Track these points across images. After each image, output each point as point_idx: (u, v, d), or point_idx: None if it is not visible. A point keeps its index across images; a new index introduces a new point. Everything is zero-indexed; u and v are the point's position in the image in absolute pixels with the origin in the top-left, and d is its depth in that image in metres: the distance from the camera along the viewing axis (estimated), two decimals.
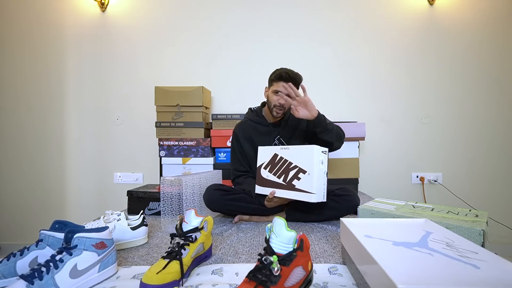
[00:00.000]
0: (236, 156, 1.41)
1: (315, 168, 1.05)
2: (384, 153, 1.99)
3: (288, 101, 1.22)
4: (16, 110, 2.06)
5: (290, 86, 1.19)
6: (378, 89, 1.99)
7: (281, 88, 1.24)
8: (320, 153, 1.08)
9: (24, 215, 2.08)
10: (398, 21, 1.97)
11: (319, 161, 1.07)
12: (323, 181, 1.08)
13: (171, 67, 2.04)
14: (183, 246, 0.71)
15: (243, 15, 2.01)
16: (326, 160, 1.10)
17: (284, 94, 1.24)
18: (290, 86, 1.19)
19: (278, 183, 1.14)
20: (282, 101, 1.26)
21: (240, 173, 1.39)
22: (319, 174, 1.06)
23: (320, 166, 1.07)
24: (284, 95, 1.25)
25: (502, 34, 1.92)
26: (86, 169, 2.07)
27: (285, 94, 1.24)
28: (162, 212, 1.17)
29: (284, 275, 0.56)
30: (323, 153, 1.09)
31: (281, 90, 1.25)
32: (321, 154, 1.08)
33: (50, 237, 0.72)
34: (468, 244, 0.59)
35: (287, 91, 1.20)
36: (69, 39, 2.04)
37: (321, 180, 1.07)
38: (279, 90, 1.26)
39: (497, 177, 1.93)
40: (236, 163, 1.41)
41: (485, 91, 1.93)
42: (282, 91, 1.25)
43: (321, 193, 1.07)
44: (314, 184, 1.04)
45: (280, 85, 1.25)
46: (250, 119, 1.41)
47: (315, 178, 1.05)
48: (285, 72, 1.25)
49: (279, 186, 1.13)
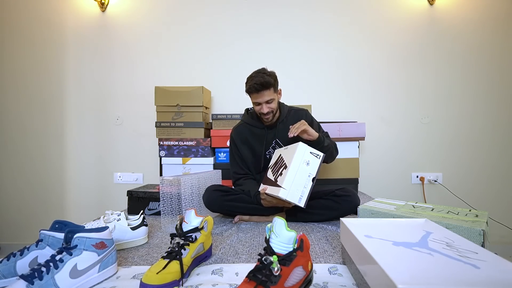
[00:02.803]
0: (235, 159, 1.41)
1: (294, 163, 1.03)
2: (384, 153, 1.99)
3: (290, 135, 1.20)
4: (16, 110, 2.06)
5: (290, 128, 1.21)
6: (378, 89, 1.99)
7: (259, 99, 1.24)
8: (307, 152, 1.06)
9: (24, 215, 2.08)
10: (398, 21, 1.97)
11: (302, 160, 1.05)
12: (304, 183, 1.03)
13: (171, 67, 2.04)
14: (183, 246, 0.71)
15: (243, 15, 2.01)
16: (315, 165, 1.06)
17: (263, 103, 1.24)
18: (290, 128, 1.21)
19: (272, 180, 1.15)
20: (264, 110, 1.26)
21: (240, 176, 1.40)
22: (298, 171, 1.03)
23: (303, 165, 1.04)
24: (263, 104, 1.24)
25: (502, 34, 1.92)
26: (86, 169, 2.06)
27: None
28: (162, 212, 1.17)
29: (284, 275, 0.56)
30: (312, 155, 1.06)
31: (259, 101, 1.25)
32: (309, 154, 1.06)
33: (50, 237, 0.72)
34: (468, 244, 0.59)
35: (290, 135, 1.19)
36: (69, 39, 2.04)
37: (301, 180, 1.03)
38: (257, 102, 1.26)
39: (496, 177, 1.93)
40: (235, 167, 1.41)
41: (485, 91, 1.93)
42: (260, 102, 1.25)
43: (296, 193, 1.02)
44: (287, 179, 1.02)
45: (255, 97, 1.25)
46: (245, 122, 1.41)
47: (291, 173, 1.02)
48: (253, 84, 1.21)
49: (271, 183, 1.13)
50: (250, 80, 1.24)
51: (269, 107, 1.26)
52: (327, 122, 1.74)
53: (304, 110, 1.41)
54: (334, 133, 1.72)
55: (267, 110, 1.26)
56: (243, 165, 1.40)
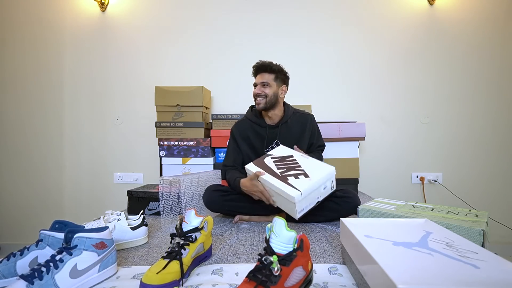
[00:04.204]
0: (228, 152, 1.40)
1: (319, 179, 1.05)
2: (384, 153, 1.99)
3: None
4: (16, 110, 2.06)
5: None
6: (378, 89, 1.99)
7: (256, 80, 1.32)
8: (330, 180, 1.10)
9: (24, 215, 2.08)
10: (398, 21, 1.96)
11: (325, 182, 1.09)
12: (311, 201, 1.07)
13: (171, 67, 2.04)
14: (183, 246, 0.71)
15: (244, 15, 2.01)
16: (326, 193, 1.11)
17: (259, 83, 1.30)
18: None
19: (273, 171, 1.12)
20: (256, 90, 1.30)
21: (226, 168, 1.38)
22: (316, 189, 1.05)
23: (321, 186, 1.08)
24: (259, 85, 1.30)
25: (501, 34, 1.91)
26: (86, 169, 2.06)
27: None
28: (162, 212, 1.17)
29: (284, 275, 0.56)
30: (331, 183, 1.11)
31: (256, 82, 1.32)
32: (330, 182, 1.11)
33: (50, 237, 0.72)
34: (468, 244, 0.59)
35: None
36: (69, 39, 2.04)
37: (312, 197, 1.06)
38: (255, 83, 1.33)
39: (497, 177, 1.93)
40: (225, 160, 1.40)
41: (485, 91, 1.93)
42: (256, 82, 1.32)
43: (304, 204, 1.04)
44: (307, 187, 1.02)
45: (257, 78, 1.33)
46: (248, 119, 1.40)
47: (312, 186, 1.04)
48: (255, 64, 1.32)
49: (272, 173, 1.11)
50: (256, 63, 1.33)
51: (262, 90, 1.29)
52: (327, 122, 1.74)
53: (309, 116, 1.40)
54: (334, 133, 1.72)
55: (258, 91, 1.29)
56: (235, 158, 1.38)
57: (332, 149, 1.71)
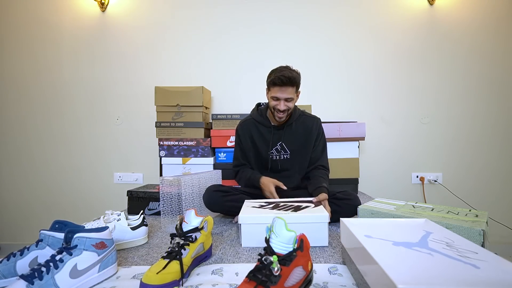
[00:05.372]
0: (236, 152, 1.41)
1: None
2: (384, 153, 1.99)
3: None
4: (16, 110, 2.06)
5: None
6: (378, 89, 1.99)
7: (279, 94, 1.19)
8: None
9: (24, 215, 2.08)
10: (398, 21, 1.96)
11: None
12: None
13: (171, 67, 2.03)
14: (183, 246, 0.71)
15: (244, 15, 2.01)
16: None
17: (282, 99, 1.20)
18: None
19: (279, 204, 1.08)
20: (282, 107, 1.21)
21: (238, 168, 1.40)
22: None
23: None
24: (282, 100, 1.20)
25: (502, 34, 1.91)
26: (86, 169, 2.06)
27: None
28: (162, 212, 1.17)
29: (284, 275, 0.56)
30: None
31: (278, 96, 1.20)
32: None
33: (50, 237, 0.72)
34: (468, 244, 0.59)
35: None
36: (69, 39, 2.04)
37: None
38: (276, 97, 1.20)
39: (497, 177, 1.93)
40: (235, 160, 1.41)
41: (485, 91, 1.93)
42: (280, 97, 1.20)
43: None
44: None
45: (276, 91, 1.19)
46: (253, 118, 1.39)
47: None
48: (279, 76, 1.16)
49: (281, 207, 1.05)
50: (278, 72, 1.18)
51: (287, 105, 1.21)
52: (327, 122, 1.74)
53: (316, 119, 1.37)
54: (334, 133, 1.72)
55: (284, 107, 1.21)
56: (242, 157, 1.39)
57: (332, 149, 1.71)
